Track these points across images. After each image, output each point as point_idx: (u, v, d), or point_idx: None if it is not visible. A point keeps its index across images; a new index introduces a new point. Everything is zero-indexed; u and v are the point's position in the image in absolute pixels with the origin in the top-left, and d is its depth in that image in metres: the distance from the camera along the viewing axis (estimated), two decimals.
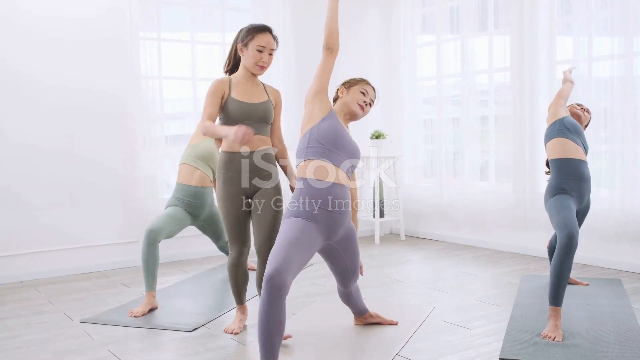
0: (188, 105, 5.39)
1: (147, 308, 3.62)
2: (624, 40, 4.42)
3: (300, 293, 4.02)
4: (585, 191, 3.52)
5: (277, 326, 2.40)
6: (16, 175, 4.60)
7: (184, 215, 3.93)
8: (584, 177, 3.49)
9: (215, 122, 3.04)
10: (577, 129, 3.61)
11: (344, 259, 2.94)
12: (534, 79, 4.99)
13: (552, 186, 3.50)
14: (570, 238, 3.09)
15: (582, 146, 3.59)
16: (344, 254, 2.92)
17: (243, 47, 3.08)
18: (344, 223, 2.79)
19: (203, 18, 5.35)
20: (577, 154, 3.51)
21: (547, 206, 3.48)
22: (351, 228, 2.91)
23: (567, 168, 3.48)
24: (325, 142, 2.75)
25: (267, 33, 3.07)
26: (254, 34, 3.05)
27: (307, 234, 2.62)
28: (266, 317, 2.39)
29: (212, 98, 3.02)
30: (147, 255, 3.66)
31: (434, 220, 5.99)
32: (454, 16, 5.69)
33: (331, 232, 2.75)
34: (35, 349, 3.07)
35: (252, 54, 3.05)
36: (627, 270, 4.47)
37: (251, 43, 3.05)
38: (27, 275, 4.62)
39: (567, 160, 3.49)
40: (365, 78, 3.13)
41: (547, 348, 2.87)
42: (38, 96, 4.66)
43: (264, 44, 3.05)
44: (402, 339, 3.07)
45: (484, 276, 4.46)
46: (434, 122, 5.96)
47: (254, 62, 3.06)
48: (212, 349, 3.03)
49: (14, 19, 4.55)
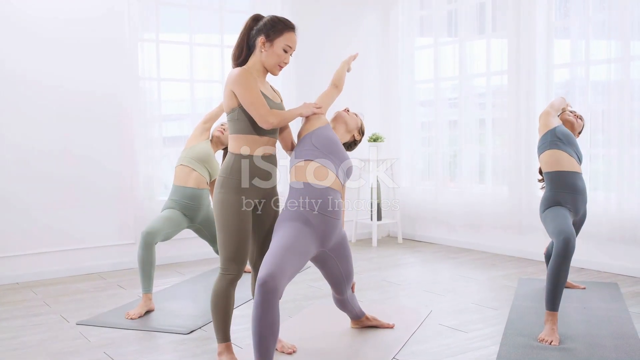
0: (186, 107, 5.39)
1: (144, 310, 3.62)
2: (621, 44, 4.43)
3: (297, 296, 4.01)
4: (580, 203, 3.49)
5: (270, 330, 2.41)
6: (13, 176, 4.59)
7: (181, 218, 3.91)
8: (578, 189, 3.47)
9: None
10: (570, 139, 3.55)
11: (338, 266, 2.93)
12: (531, 82, 5.00)
13: (547, 199, 3.49)
14: (567, 242, 3.09)
15: (576, 156, 3.54)
16: (337, 261, 2.91)
17: (266, 41, 2.66)
18: (337, 228, 2.79)
19: (201, 20, 5.35)
20: (570, 166, 3.48)
21: (542, 217, 3.48)
22: (343, 235, 2.91)
23: (561, 181, 3.46)
24: (321, 147, 2.78)
25: (295, 32, 2.72)
26: (284, 31, 2.67)
27: (301, 240, 2.61)
28: (260, 321, 2.40)
29: (257, 90, 2.59)
30: (144, 257, 3.65)
31: (431, 223, 5.99)
32: (452, 19, 5.70)
33: (325, 238, 2.74)
34: (31, 350, 3.07)
35: (278, 53, 2.66)
36: (624, 274, 4.47)
37: (278, 40, 2.66)
38: (23, 277, 4.61)
39: (561, 173, 3.46)
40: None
41: (544, 352, 2.87)
42: (36, 97, 4.65)
43: (291, 44, 2.69)
44: (398, 342, 3.07)
45: (481, 279, 4.46)
46: (431, 125, 5.96)
47: (276, 62, 2.68)
48: (209, 351, 3.03)
49: (12, 20, 4.55)
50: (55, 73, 4.72)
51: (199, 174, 3.97)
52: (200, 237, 4.21)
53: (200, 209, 3.98)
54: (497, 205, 5.30)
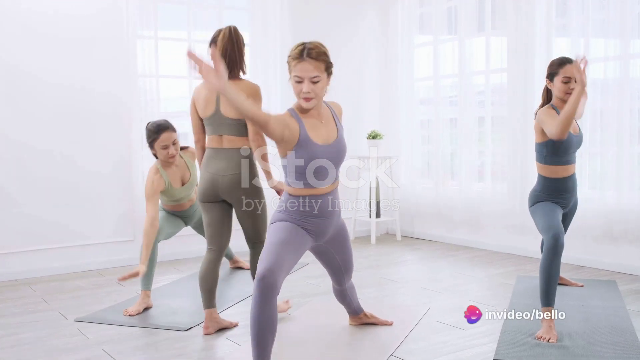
0: (184, 104, 5.38)
1: (142, 307, 3.62)
2: (620, 42, 4.43)
3: (296, 293, 4.01)
4: (571, 198, 3.48)
5: (269, 325, 2.41)
6: (11, 173, 4.58)
7: (178, 220, 3.98)
8: (569, 189, 3.44)
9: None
10: (568, 146, 3.36)
11: (336, 257, 2.94)
12: (531, 80, 5.00)
13: (537, 194, 3.45)
14: (556, 239, 3.11)
15: (574, 154, 3.44)
16: (335, 253, 2.92)
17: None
18: (332, 224, 2.78)
19: (200, 16, 5.35)
20: (566, 173, 3.42)
21: (532, 210, 3.47)
22: (341, 225, 2.89)
23: (555, 185, 3.41)
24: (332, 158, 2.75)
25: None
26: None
27: (295, 235, 2.62)
28: (258, 316, 2.40)
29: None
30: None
31: (430, 220, 5.99)
32: (452, 17, 5.69)
33: (321, 233, 2.74)
34: (30, 347, 3.07)
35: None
36: (622, 271, 4.48)
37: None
38: (21, 274, 4.61)
39: (557, 179, 3.42)
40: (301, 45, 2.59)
41: (542, 349, 2.88)
42: (34, 93, 4.65)
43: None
44: (397, 340, 3.07)
45: (479, 277, 4.46)
46: (430, 123, 5.96)
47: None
48: (207, 348, 3.03)
49: (9, 16, 4.54)
50: (53, 70, 4.71)
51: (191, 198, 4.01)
52: (199, 233, 4.26)
53: (195, 214, 4.05)
54: (496, 203, 5.30)
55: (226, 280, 4.44)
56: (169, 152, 3.62)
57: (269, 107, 5.52)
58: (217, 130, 3.20)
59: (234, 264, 4.77)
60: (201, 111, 3.23)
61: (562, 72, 3.33)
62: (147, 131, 3.67)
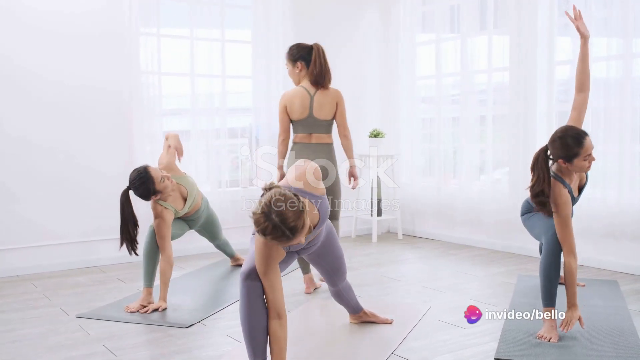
0: (186, 102, 5.38)
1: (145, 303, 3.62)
2: (623, 41, 4.42)
3: (295, 291, 4.02)
4: None
5: (259, 321, 2.42)
6: (13, 170, 4.59)
7: (183, 224, 4.04)
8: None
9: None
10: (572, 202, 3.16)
11: (323, 262, 2.92)
12: (533, 79, 4.99)
13: (531, 205, 3.42)
14: (556, 239, 3.09)
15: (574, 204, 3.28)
16: (320, 258, 2.88)
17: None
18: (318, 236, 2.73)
19: (202, 14, 5.34)
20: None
21: (524, 219, 3.46)
22: (327, 230, 2.84)
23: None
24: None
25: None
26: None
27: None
28: (247, 314, 2.42)
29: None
30: (150, 251, 3.67)
31: (431, 219, 5.99)
32: (454, 15, 5.68)
33: (302, 250, 2.73)
34: (31, 343, 3.07)
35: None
36: (624, 271, 4.47)
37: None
38: (23, 270, 4.62)
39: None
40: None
41: (543, 349, 2.88)
42: (35, 90, 4.65)
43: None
44: (397, 338, 3.07)
45: (480, 276, 4.46)
46: (432, 121, 5.95)
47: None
48: (208, 345, 3.03)
49: (12, 12, 4.54)
50: (55, 67, 4.71)
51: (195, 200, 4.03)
52: (201, 235, 4.35)
53: (199, 219, 4.12)
54: (498, 202, 5.30)
55: (227, 278, 4.44)
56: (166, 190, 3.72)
57: (270, 106, 5.53)
58: (308, 130, 3.90)
59: (235, 262, 4.77)
60: (297, 115, 3.87)
61: (583, 152, 3.00)
62: (139, 190, 3.66)
